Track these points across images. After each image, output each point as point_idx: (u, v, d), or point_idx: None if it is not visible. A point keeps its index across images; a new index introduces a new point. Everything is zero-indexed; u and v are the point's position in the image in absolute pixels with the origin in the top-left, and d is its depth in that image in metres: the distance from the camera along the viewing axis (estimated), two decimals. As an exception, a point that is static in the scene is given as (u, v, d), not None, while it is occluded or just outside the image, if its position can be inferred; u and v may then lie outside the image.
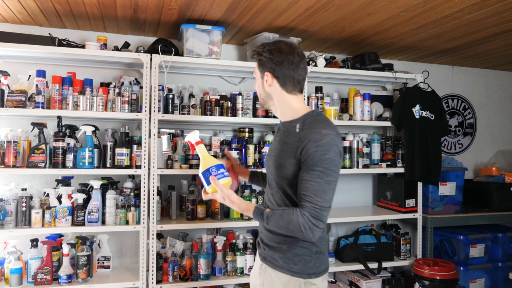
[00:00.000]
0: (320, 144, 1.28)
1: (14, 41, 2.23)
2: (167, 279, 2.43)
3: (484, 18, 2.46)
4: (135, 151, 2.43)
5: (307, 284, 1.35)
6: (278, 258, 1.41)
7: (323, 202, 1.27)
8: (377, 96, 3.26)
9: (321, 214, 1.27)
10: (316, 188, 1.26)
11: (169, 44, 2.53)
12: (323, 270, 1.40)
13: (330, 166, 1.28)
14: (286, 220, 1.30)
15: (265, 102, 1.50)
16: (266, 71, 1.43)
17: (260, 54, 1.44)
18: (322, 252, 1.41)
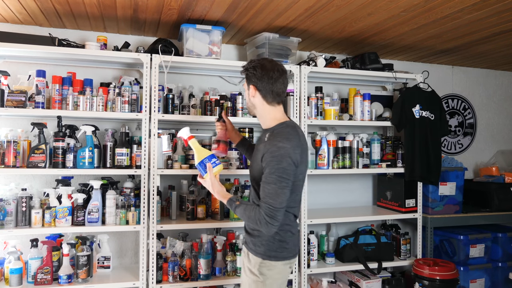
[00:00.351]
0: (275, 155, 1.54)
1: (14, 41, 2.23)
2: (167, 279, 2.43)
3: (484, 18, 2.46)
4: (135, 151, 2.43)
5: (264, 263, 1.65)
6: (250, 241, 1.71)
7: (276, 204, 1.53)
8: (377, 96, 3.26)
9: (274, 214, 1.53)
10: (271, 192, 1.53)
11: (169, 44, 2.53)
12: (283, 257, 1.66)
13: (282, 174, 1.53)
14: (247, 215, 1.60)
15: (251, 111, 1.77)
16: (250, 84, 1.69)
17: (247, 70, 1.69)
18: (285, 241, 1.67)
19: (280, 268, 1.66)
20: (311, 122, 2.75)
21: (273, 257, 1.65)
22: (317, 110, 2.81)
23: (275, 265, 1.65)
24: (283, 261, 1.66)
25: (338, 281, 2.98)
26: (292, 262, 1.72)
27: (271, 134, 1.64)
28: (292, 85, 2.71)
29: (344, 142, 2.88)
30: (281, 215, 1.55)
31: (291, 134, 1.62)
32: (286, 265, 1.69)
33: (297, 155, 1.58)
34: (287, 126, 1.66)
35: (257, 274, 1.64)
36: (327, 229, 3.17)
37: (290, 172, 1.55)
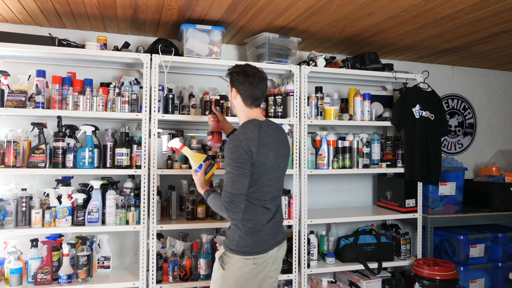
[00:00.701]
0: (229, 147, 1.69)
1: (14, 41, 2.23)
2: (167, 279, 2.43)
3: (484, 18, 2.46)
4: (135, 151, 2.43)
5: (225, 254, 1.76)
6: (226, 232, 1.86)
7: (233, 190, 1.65)
8: (377, 96, 3.26)
9: (232, 199, 1.65)
10: (228, 180, 1.67)
11: (169, 44, 2.53)
12: (243, 252, 1.72)
13: (236, 163, 1.66)
14: (213, 202, 1.75)
15: (232, 110, 1.94)
16: (233, 87, 1.83)
17: (231, 74, 1.84)
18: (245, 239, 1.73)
19: (241, 262, 1.71)
20: (311, 122, 2.75)
21: (233, 251, 1.74)
22: (317, 110, 2.81)
23: (234, 258, 1.73)
24: (244, 256, 1.71)
25: (338, 281, 2.98)
26: (257, 259, 1.72)
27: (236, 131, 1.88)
28: (292, 85, 2.71)
29: (344, 142, 2.88)
30: (239, 201, 1.66)
31: (250, 129, 1.74)
32: (249, 261, 1.71)
33: (252, 147, 1.68)
34: (250, 122, 1.79)
35: (219, 263, 1.76)
36: (327, 229, 3.17)
37: (244, 161, 1.66)
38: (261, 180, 1.73)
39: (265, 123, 1.82)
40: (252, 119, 1.80)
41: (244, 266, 1.71)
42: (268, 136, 1.77)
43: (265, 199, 1.75)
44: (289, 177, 3.03)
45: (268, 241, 1.76)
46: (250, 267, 1.72)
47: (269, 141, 1.76)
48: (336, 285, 2.89)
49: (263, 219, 1.76)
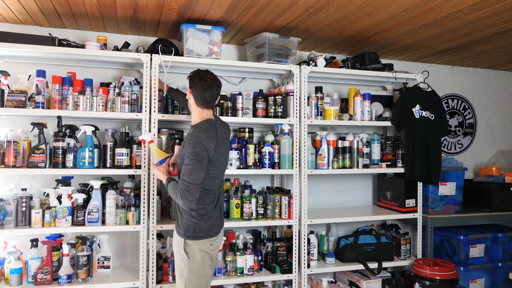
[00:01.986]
0: (191, 142, 1.90)
1: (14, 41, 2.23)
2: (167, 279, 2.43)
3: (484, 18, 2.46)
4: (135, 151, 2.43)
5: (185, 243, 1.95)
6: (176, 224, 2.03)
7: (190, 180, 1.85)
8: (377, 96, 3.26)
9: (188, 188, 1.85)
10: (186, 170, 1.87)
11: (169, 44, 2.53)
12: (200, 236, 1.96)
13: (196, 157, 1.87)
14: (171, 189, 1.94)
15: (188, 109, 2.17)
16: (189, 89, 2.05)
17: (189, 76, 2.05)
18: (201, 224, 1.97)
19: (200, 246, 1.95)
20: (311, 122, 2.75)
21: (191, 237, 1.95)
22: (317, 110, 2.81)
23: (193, 244, 1.95)
24: (202, 240, 1.96)
25: (338, 281, 2.98)
26: (212, 240, 2.00)
27: (194, 128, 2.00)
28: (292, 85, 2.71)
29: (344, 142, 2.88)
30: (195, 190, 1.86)
31: (208, 128, 1.98)
32: (206, 243, 1.97)
33: (211, 145, 1.93)
34: (207, 122, 2.01)
35: (182, 252, 1.95)
36: (327, 229, 3.17)
37: (203, 157, 1.89)
38: (213, 173, 1.98)
39: (219, 124, 2.09)
40: (207, 119, 2.03)
41: (203, 249, 1.96)
42: (222, 136, 2.06)
43: (214, 189, 2.02)
44: (289, 177, 3.03)
45: (218, 224, 2.05)
46: (208, 248, 1.98)
47: (222, 140, 2.05)
48: (336, 285, 2.89)
49: (212, 206, 2.02)
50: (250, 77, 3.03)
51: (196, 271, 1.95)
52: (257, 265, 2.63)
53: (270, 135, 2.75)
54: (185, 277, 1.94)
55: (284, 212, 2.65)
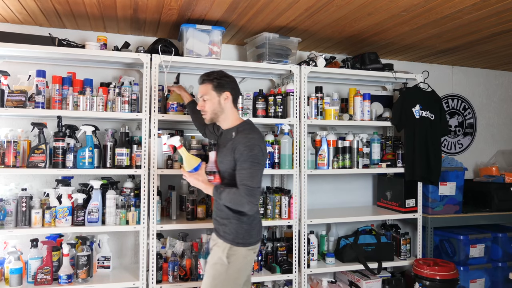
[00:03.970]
0: (247, 145, 1.81)
1: (14, 41, 2.23)
2: (167, 279, 2.43)
3: (484, 18, 2.46)
4: (135, 151, 2.43)
5: (231, 249, 1.86)
6: (221, 230, 1.92)
7: (253, 184, 1.78)
8: (377, 96, 3.26)
9: (253, 193, 1.78)
10: (247, 175, 1.79)
11: (169, 44, 2.53)
12: (249, 243, 1.89)
13: (254, 160, 1.80)
14: (230, 197, 1.81)
15: (217, 117, 1.97)
16: (225, 90, 1.93)
17: (220, 79, 1.93)
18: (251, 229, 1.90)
19: (245, 253, 1.89)
20: (311, 122, 2.75)
21: (240, 244, 1.87)
22: (317, 110, 2.81)
23: (239, 250, 1.87)
24: (249, 247, 1.89)
25: (338, 281, 2.98)
26: (256, 248, 1.95)
27: (237, 131, 1.92)
28: (292, 85, 2.71)
29: (344, 142, 2.88)
30: (258, 194, 1.83)
31: (255, 129, 1.95)
32: (251, 251, 1.91)
33: (264, 145, 1.89)
34: (248, 123, 1.97)
35: (223, 258, 1.85)
36: (327, 229, 3.17)
37: (260, 158, 1.84)
38: (261, 176, 1.90)
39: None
40: (245, 120, 1.99)
41: (247, 256, 1.90)
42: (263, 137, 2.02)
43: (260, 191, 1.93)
44: (289, 177, 3.03)
45: (261, 230, 2.00)
46: (251, 255, 1.93)
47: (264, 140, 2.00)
48: (336, 285, 2.89)
49: (257, 211, 1.96)
50: (250, 77, 3.03)
51: (234, 277, 1.87)
52: (257, 265, 2.63)
53: (270, 135, 2.75)
54: (219, 280, 1.85)
55: (284, 212, 2.65)
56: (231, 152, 1.85)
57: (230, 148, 1.86)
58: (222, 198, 1.84)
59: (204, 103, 1.96)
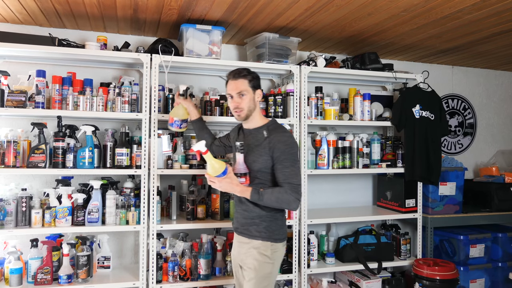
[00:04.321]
0: (288, 143, 1.82)
1: (14, 41, 2.23)
2: (167, 279, 2.43)
3: (484, 18, 2.46)
4: (135, 151, 2.43)
5: (273, 246, 1.85)
6: (254, 230, 1.88)
7: (297, 182, 1.80)
8: (377, 96, 3.26)
9: (299, 190, 1.80)
10: (291, 173, 1.80)
11: (169, 44, 2.53)
12: (283, 238, 1.92)
13: (295, 157, 1.83)
14: (276, 196, 1.78)
15: (250, 114, 1.92)
16: (258, 88, 1.93)
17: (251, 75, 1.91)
18: (283, 224, 1.93)
19: (282, 248, 1.92)
20: (311, 122, 2.75)
21: (278, 240, 1.88)
22: (317, 110, 2.81)
23: (278, 247, 1.88)
24: (283, 242, 1.92)
25: (338, 281, 2.98)
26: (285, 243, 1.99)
27: (268, 129, 1.90)
28: (292, 85, 2.71)
29: (344, 142, 2.88)
30: (301, 191, 1.84)
31: (285, 128, 1.96)
32: (284, 246, 1.96)
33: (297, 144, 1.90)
34: (276, 122, 1.98)
35: (268, 256, 1.84)
36: (327, 229, 3.17)
37: (298, 156, 1.89)
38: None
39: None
40: (273, 119, 1.99)
41: (283, 250, 1.94)
42: None
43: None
44: (289, 177, 3.03)
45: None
46: (284, 249, 1.95)
47: None
48: (336, 285, 2.89)
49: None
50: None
51: (276, 273, 1.92)
52: (257, 265, 2.63)
53: (270, 135, 2.74)
54: (269, 279, 1.86)
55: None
56: (267, 151, 1.83)
57: (266, 147, 1.84)
58: (264, 199, 1.79)
59: (240, 99, 1.89)
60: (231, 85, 1.91)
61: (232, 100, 1.92)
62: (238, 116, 1.92)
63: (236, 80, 1.89)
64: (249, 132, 1.97)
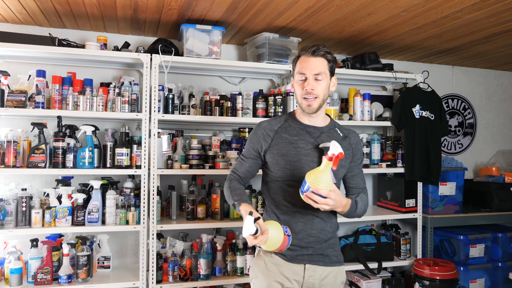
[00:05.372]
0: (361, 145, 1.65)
1: (14, 41, 2.23)
2: (167, 279, 2.43)
3: (484, 18, 2.46)
4: (135, 151, 2.43)
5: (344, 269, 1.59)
6: (333, 254, 1.55)
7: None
8: (377, 96, 3.26)
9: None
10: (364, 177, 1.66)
11: (169, 44, 2.53)
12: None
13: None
14: (364, 203, 1.58)
15: (322, 105, 1.53)
16: (333, 75, 1.55)
17: (334, 58, 1.53)
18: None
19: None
20: (311, 122, 2.74)
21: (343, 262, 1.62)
22: (317, 110, 2.80)
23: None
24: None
25: (338, 281, 2.97)
26: None
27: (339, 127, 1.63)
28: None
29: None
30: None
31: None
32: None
33: None
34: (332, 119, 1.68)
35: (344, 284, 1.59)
36: (327, 229, 3.16)
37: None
38: None
39: None
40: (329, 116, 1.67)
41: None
42: None
43: None
44: (289, 177, 3.03)
45: None
46: None
47: None
48: (336, 285, 2.89)
49: None
50: (250, 77, 3.03)
51: None
52: (257, 265, 2.63)
53: (270, 135, 2.74)
54: None
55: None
56: (350, 154, 1.58)
57: (348, 148, 1.57)
58: (358, 209, 1.54)
59: (316, 83, 1.48)
60: (306, 63, 1.48)
61: (303, 82, 1.48)
62: (308, 107, 1.49)
63: (316, 57, 1.47)
64: (319, 130, 1.56)
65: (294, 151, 1.52)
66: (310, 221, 1.51)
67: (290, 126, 1.57)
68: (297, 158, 1.51)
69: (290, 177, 1.52)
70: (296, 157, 1.51)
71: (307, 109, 1.50)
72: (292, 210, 1.52)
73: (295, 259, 1.50)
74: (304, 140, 1.54)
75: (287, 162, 1.51)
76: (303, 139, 1.54)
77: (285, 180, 1.53)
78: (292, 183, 1.50)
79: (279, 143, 1.54)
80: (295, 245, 1.49)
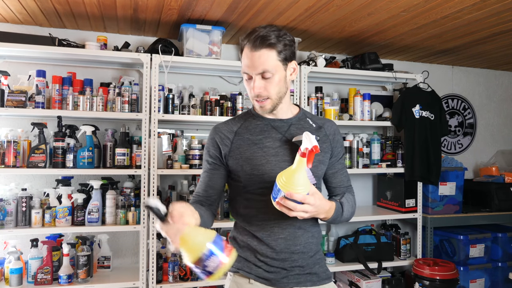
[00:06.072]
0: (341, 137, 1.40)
1: (14, 41, 2.23)
2: (167, 279, 2.43)
3: (484, 18, 2.46)
4: (135, 151, 2.44)
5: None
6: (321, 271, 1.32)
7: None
8: (377, 96, 3.26)
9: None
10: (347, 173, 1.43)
11: (169, 44, 2.54)
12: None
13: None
14: (351, 205, 1.34)
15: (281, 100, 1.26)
16: (292, 59, 1.25)
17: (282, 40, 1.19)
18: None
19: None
20: (311, 122, 2.74)
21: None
22: (317, 110, 2.81)
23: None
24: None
25: (338, 281, 2.98)
26: None
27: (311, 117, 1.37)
28: (292, 85, 2.71)
29: (344, 142, 2.88)
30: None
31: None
32: None
33: None
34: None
35: None
36: (327, 229, 3.17)
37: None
38: None
39: None
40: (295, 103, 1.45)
41: None
42: None
43: None
44: (289, 177, 3.03)
45: None
46: None
47: None
48: (336, 285, 2.89)
49: None
50: (250, 77, 3.03)
51: None
52: (257, 265, 2.63)
53: (270, 135, 2.74)
54: None
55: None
56: (328, 147, 1.33)
57: (325, 141, 1.32)
58: (344, 212, 1.29)
59: (265, 82, 1.20)
60: (248, 59, 1.19)
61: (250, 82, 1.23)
62: (261, 108, 1.25)
63: (258, 51, 1.17)
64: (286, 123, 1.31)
65: (260, 152, 1.26)
66: (292, 235, 1.26)
67: (252, 124, 1.31)
68: (265, 160, 1.25)
69: (259, 184, 1.25)
70: (264, 159, 1.25)
71: (261, 111, 1.27)
72: (269, 226, 1.26)
73: (279, 282, 1.26)
74: (270, 137, 1.28)
75: (253, 167, 1.25)
76: (268, 137, 1.28)
77: (255, 188, 1.27)
78: (264, 191, 1.22)
79: (241, 145, 1.28)
80: (277, 267, 1.26)
